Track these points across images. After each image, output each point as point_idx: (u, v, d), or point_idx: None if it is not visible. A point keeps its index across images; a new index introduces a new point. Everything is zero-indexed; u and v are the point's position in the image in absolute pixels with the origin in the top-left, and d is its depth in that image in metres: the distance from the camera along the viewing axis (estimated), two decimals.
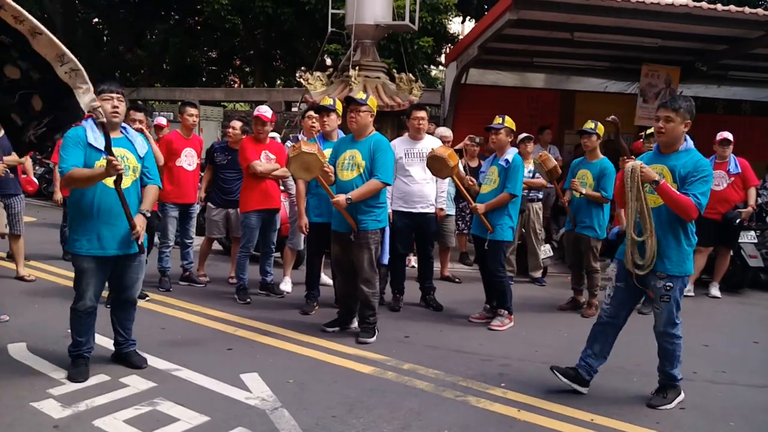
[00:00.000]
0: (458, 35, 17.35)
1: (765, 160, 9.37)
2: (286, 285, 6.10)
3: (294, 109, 13.93)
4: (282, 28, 15.83)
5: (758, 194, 7.06)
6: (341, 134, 5.28)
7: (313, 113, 5.69)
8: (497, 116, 5.34)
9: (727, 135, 6.53)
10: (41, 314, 5.02)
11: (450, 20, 16.73)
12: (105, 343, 4.19)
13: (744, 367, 4.51)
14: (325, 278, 6.11)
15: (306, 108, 7.02)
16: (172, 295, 5.80)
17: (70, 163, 3.59)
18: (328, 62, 15.18)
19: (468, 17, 18.97)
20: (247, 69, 21.47)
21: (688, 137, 3.66)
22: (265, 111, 5.74)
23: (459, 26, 20.70)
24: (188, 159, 6.03)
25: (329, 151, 4.90)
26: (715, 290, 6.76)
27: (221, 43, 18.99)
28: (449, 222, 6.99)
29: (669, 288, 3.58)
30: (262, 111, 5.73)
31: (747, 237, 6.89)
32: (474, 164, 7.23)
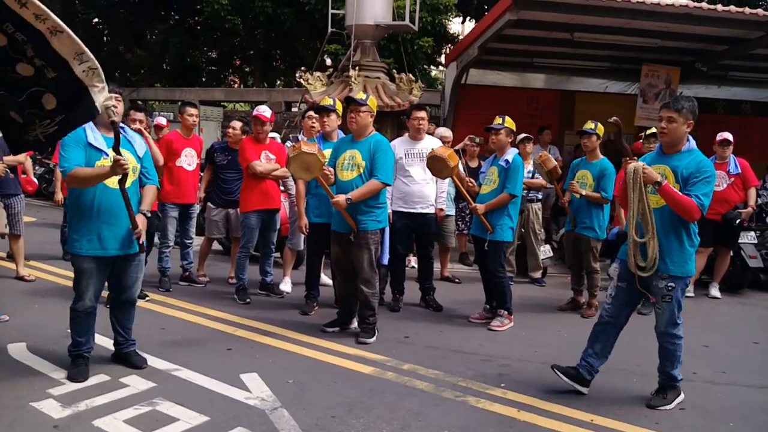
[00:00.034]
0: (458, 35, 17.34)
1: (765, 161, 9.38)
2: (286, 285, 6.10)
3: (294, 110, 13.91)
4: (282, 28, 15.81)
5: (758, 195, 7.07)
6: (341, 134, 5.28)
7: (313, 113, 5.69)
8: (497, 116, 5.34)
9: (727, 135, 6.53)
10: (41, 314, 5.02)
11: (450, 20, 16.72)
12: (105, 343, 4.19)
13: (744, 368, 4.51)
14: (325, 278, 6.11)
15: (306, 108, 7.01)
16: (172, 295, 5.81)
17: (73, 163, 3.59)
18: (328, 62, 15.17)
19: (468, 17, 18.96)
20: (247, 69, 21.45)
21: (691, 138, 3.66)
22: (264, 111, 5.74)
23: (459, 26, 20.69)
24: (188, 159, 6.03)
25: (329, 152, 4.90)
26: (715, 291, 6.76)
27: (221, 43, 18.98)
28: (449, 222, 6.99)
29: (671, 288, 3.58)
30: (261, 111, 5.73)
31: (747, 237, 6.90)
32: (474, 164, 7.23)
